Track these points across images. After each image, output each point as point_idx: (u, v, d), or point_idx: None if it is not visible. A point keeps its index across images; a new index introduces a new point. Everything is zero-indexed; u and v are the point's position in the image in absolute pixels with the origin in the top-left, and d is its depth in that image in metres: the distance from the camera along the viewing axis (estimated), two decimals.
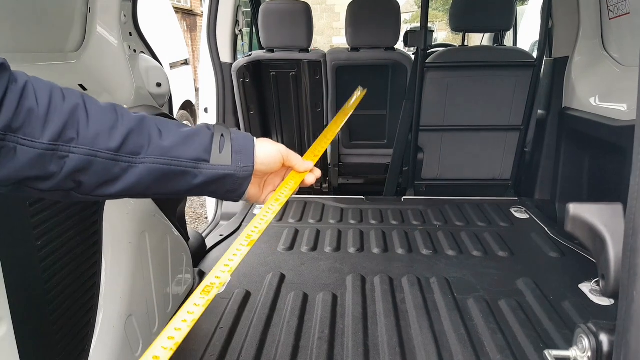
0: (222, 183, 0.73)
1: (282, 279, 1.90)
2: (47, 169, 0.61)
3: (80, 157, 0.63)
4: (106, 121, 0.65)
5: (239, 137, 0.75)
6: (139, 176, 0.67)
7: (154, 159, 0.67)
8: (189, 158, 0.70)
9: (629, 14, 2.07)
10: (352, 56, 2.57)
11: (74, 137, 0.62)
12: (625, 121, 1.91)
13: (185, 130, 0.71)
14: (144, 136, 0.67)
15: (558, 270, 1.95)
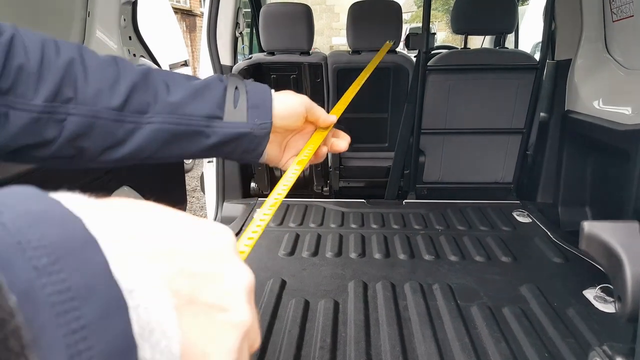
0: (238, 142, 0.64)
1: (283, 285, 1.88)
2: (45, 134, 0.54)
3: (81, 120, 0.56)
4: (107, 76, 0.57)
5: (255, 89, 0.66)
6: (146, 138, 0.60)
7: (162, 118, 0.60)
8: (201, 115, 0.62)
9: (633, 16, 2.05)
10: (353, 59, 2.55)
11: (71, 96, 0.55)
12: (630, 125, 1.90)
13: (195, 83, 0.63)
14: (150, 92, 0.60)
15: (562, 276, 1.93)
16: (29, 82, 0.52)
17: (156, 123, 0.59)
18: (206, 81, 0.64)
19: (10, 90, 0.51)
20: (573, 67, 2.42)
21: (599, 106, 2.19)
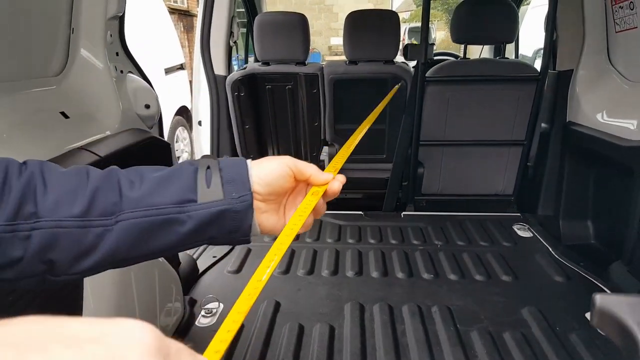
0: (220, 223, 0.59)
1: (277, 307, 1.82)
2: (11, 254, 0.52)
3: (44, 232, 0.53)
4: (66, 185, 0.55)
5: (229, 164, 0.62)
6: (117, 239, 0.56)
7: (130, 215, 0.56)
8: (171, 202, 0.57)
9: (637, 27, 1.99)
10: (350, 69, 2.49)
11: (33, 211, 0.53)
12: (634, 141, 1.84)
13: (162, 172, 0.59)
14: (114, 192, 0.56)
15: (563, 297, 1.88)
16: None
17: (124, 220, 0.56)
18: (174, 168, 0.61)
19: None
20: (575, 78, 2.36)
21: (602, 119, 2.13)
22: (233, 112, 2.60)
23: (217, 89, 2.57)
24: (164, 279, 1.61)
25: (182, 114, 5.83)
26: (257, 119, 2.68)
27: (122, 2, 1.48)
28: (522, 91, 2.43)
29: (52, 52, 1.37)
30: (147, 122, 1.67)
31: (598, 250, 2.29)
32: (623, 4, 2.05)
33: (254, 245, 2.35)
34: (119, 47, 1.57)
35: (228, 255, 2.25)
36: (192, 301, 1.84)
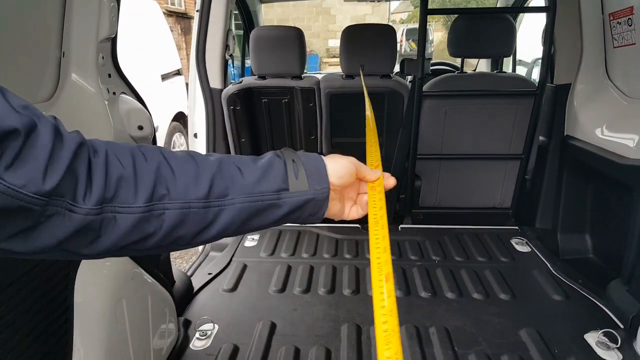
0: (304, 208, 0.73)
1: (272, 329, 1.79)
2: (148, 229, 0.62)
3: (176, 212, 0.64)
4: (189, 171, 0.66)
5: (309, 159, 0.75)
6: (230, 217, 0.68)
7: (242, 199, 0.68)
8: (272, 190, 0.70)
9: (635, 44, 1.98)
10: (347, 83, 2.46)
11: (165, 193, 0.63)
12: (634, 159, 1.82)
13: (261, 164, 0.72)
14: (227, 178, 0.68)
15: (562, 317, 1.86)
16: (128, 188, 0.60)
17: (237, 203, 0.68)
18: (269, 160, 0.73)
19: (114, 197, 0.59)
20: (573, 92, 2.34)
21: (601, 135, 2.11)
22: (229, 125, 2.57)
23: (212, 102, 2.55)
24: (157, 302, 1.59)
25: (179, 119, 5.81)
26: (253, 132, 2.66)
27: (114, 24, 1.45)
28: (520, 105, 2.41)
29: (42, 77, 1.34)
30: (141, 143, 1.64)
31: (596, 265, 2.28)
32: (621, 20, 2.03)
33: (249, 262, 2.33)
34: (111, 69, 1.54)
35: (223, 272, 2.22)
36: (187, 322, 1.82)
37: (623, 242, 1.90)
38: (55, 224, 0.55)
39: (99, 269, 1.29)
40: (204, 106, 2.55)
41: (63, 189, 0.54)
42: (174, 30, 12.26)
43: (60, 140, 0.55)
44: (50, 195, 0.52)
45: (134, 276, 1.42)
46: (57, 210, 0.54)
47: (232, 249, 2.45)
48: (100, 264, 1.30)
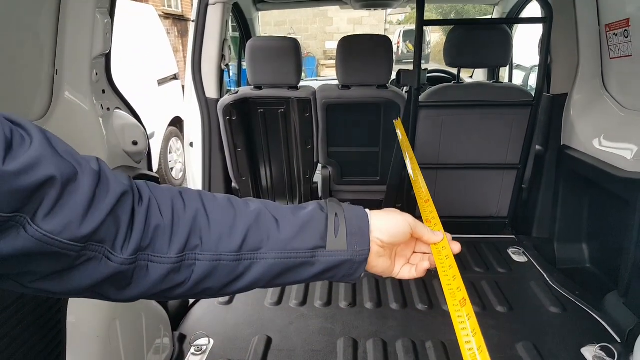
0: (339, 269, 0.69)
1: (268, 343, 1.79)
2: (177, 279, 0.63)
3: (206, 264, 0.64)
4: (226, 221, 0.66)
5: (353, 216, 0.71)
6: (261, 272, 0.67)
7: (274, 254, 0.67)
8: (307, 248, 0.68)
9: (631, 56, 1.98)
10: (343, 94, 2.46)
11: (198, 244, 0.63)
12: (630, 172, 1.82)
13: (300, 217, 0.69)
14: (263, 231, 0.67)
15: (559, 330, 1.86)
16: (164, 238, 0.61)
17: (269, 259, 0.66)
18: (310, 214, 0.70)
19: (149, 246, 0.60)
20: (569, 102, 2.34)
21: (598, 146, 2.11)
22: (225, 135, 2.57)
23: (208, 111, 2.54)
24: (151, 318, 1.58)
25: (176, 124, 5.79)
26: (250, 142, 2.65)
27: (108, 40, 1.44)
28: (517, 115, 2.41)
29: (35, 94, 1.33)
30: (135, 157, 1.64)
31: (593, 275, 2.28)
32: (617, 31, 2.03)
33: None
34: (105, 85, 1.53)
35: None
36: (182, 337, 1.81)
37: (619, 253, 1.90)
38: (91, 268, 0.56)
39: None
40: (200, 116, 2.54)
41: (102, 235, 0.55)
42: (171, 33, 12.24)
43: (104, 187, 0.56)
44: (87, 241, 0.54)
45: None
46: (95, 255, 0.55)
47: None
48: None
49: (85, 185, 0.53)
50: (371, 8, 3.29)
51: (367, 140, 2.60)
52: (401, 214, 0.74)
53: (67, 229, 0.52)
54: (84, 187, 0.53)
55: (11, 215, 0.48)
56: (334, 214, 0.70)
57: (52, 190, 0.50)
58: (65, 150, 0.53)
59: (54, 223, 0.51)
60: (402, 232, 0.73)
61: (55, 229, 0.51)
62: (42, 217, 0.50)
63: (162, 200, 0.63)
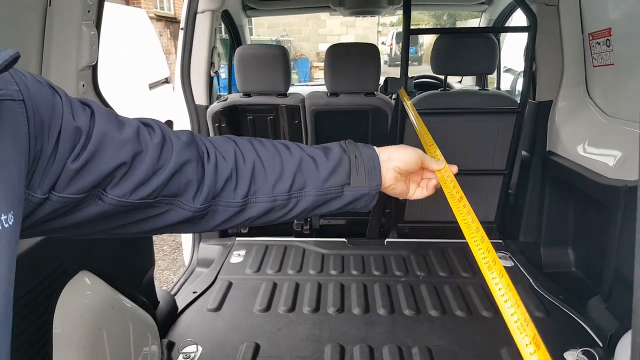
0: (359, 201, 0.86)
1: (256, 350, 1.80)
2: (240, 218, 0.80)
3: (265, 205, 0.80)
4: (276, 168, 0.81)
5: (367, 157, 0.86)
6: (305, 206, 0.83)
7: (315, 192, 0.82)
8: (338, 185, 0.84)
9: (614, 65, 2.01)
10: (331, 101, 2.48)
11: (257, 189, 0.79)
12: (612, 179, 1.85)
13: (331, 158, 0.84)
14: (305, 172, 0.82)
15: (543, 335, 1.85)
16: (230, 187, 0.77)
17: (311, 196, 0.83)
18: (339, 157, 0.85)
19: (218, 195, 0.76)
20: (554, 109, 2.38)
21: (582, 152, 2.14)
22: None
23: (198, 118, 2.55)
24: (138, 327, 1.59)
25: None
26: None
27: (94, 52, 1.46)
28: (502, 122, 2.44)
29: None
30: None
31: (578, 279, 2.31)
32: (600, 40, 2.07)
33: (235, 279, 2.33)
34: (92, 96, 1.54)
35: (208, 291, 2.23)
36: (170, 344, 1.82)
37: (602, 258, 1.93)
38: (166, 216, 0.73)
39: (79, 299, 1.29)
40: (190, 123, 2.56)
41: (170, 191, 0.70)
42: (163, 35, 12.22)
43: (166, 156, 0.69)
44: (156, 197, 0.69)
45: (114, 304, 1.42)
46: (168, 207, 0.72)
47: (218, 266, 2.45)
48: (80, 293, 1.31)
49: (148, 158, 0.67)
50: (359, 15, 3.32)
51: None
52: (412, 148, 0.91)
53: (135, 192, 0.66)
54: (147, 160, 0.66)
55: (90, 191, 0.63)
56: (354, 155, 0.85)
57: (122, 169, 0.64)
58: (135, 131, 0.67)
59: (123, 190, 0.65)
60: (414, 161, 0.89)
61: (125, 194, 0.65)
62: (113, 187, 0.64)
63: (226, 155, 0.77)
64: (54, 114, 0.59)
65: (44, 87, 0.60)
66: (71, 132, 0.60)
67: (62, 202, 0.61)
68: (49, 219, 0.62)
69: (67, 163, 0.59)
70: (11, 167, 0.52)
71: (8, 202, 0.50)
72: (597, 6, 2.08)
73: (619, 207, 1.79)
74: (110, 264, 1.47)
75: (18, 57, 0.49)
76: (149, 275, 1.80)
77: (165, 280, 3.74)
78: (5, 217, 0.49)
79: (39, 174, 0.58)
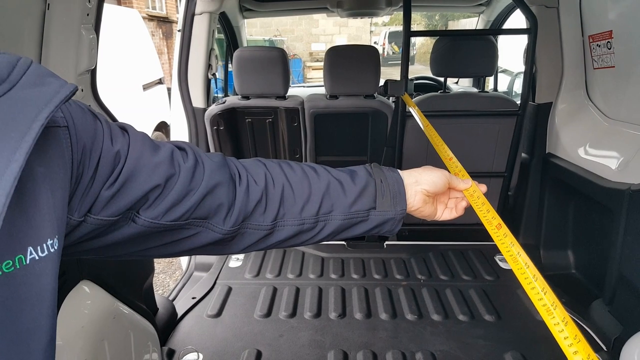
0: (384, 225, 0.86)
1: (258, 357, 1.78)
2: (269, 241, 0.81)
3: (293, 228, 0.81)
4: (304, 192, 0.81)
5: (394, 181, 0.86)
6: (331, 230, 0.83)
7: (342, 216, 0.83)
8: (364, 209, 0.84)
9: (614, 67, 2.01)
10: (331, 104, 2.46)
11: (285, 212, 0.80)
12: (614, 182, 1.85)
13: (357, 184, 0.84)
14: (333, 196, 0.83)
15: (546, 339, 1.88)
16: (260, 211, 0.77)
17: (338, 220, 0.83)
18: (365, 180, 0.85)
19: (248, 218, 0.77)
20: (554, 111, 2.38)
21: (582, 155, 2.14)
22: (212, 145, 2.55)
23: (195, 121, 2.52)
24: (139, 336, 1.56)
25: (162, 129, 5.75)
26: (237, 151, 2.64)
27: (93, 56, 1.43)
28: (502, 124, 2.44)
29: None
30: None
31: (579, 282, 2.31)
32: (600, 43, 2.06)
33: (234, 284, 2.30)
34: (90, 100, 1.51)
35: (208, 296, 2.20)
36: (171, 352, 1.79)
37: (604, 261, 1.92)
38: (197, 237, 0.73)
39: (81, 310, 1.26)
40: (187, 125, 2.53)
41: (202, 213, 0.72)
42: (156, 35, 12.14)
43: (198, 179, 0.70)
44: (187, 219, 0.70)
45: (115, 314, 1.39)
46: (199, 230, 0.73)
47: (217, 270, 2.42)
48: (81, 304, 1.28)
49: (180, 180, 0.68)
50: (357, 17, 3.30)
51: (355, 149, 2.61)
52: (438, 170, 0.91)
53: (167, 214, 0.68)
54: (180, 182, 0.68)
55: (124, 213, 0.64)
56: (380, 180, 0.85)
57: (156, 191, 0.66)
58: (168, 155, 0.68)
59: (156, 212, 0.67)
60: (442, 183, 0.90)
61: (158, 215, 0.67)
62: (146, 209, 0.66)
63: (257, 178, 0.78)
64: (95, 140, 0.61)
65: (86, 113, 0.62)
66: (110, 157, 0.62)
67: (97, 224, 0.62)
68: (82, 240, 0.63)
69: (104, 187, 0.61)
70: (58, 193, 0.54)
71: (54, 227, 0.52)
72: (598, 8, 2.07)
73: (622, 210, 1.78)
74: (110, 272, 1.44)
75: (76, 90, 0.53)
76: (149, 281, 1.77)
77: (162, 283, 3.70)
78: (51, 242, 0.51)
79: (78, 198, 0.60)
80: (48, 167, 0.53)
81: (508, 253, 0.84)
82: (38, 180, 0.51)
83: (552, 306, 0.70)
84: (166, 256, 0.77)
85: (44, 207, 0.51)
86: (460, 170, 1.07)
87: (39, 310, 0.50)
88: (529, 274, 0.77)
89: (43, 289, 0.50)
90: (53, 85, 0.52)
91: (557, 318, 0.68)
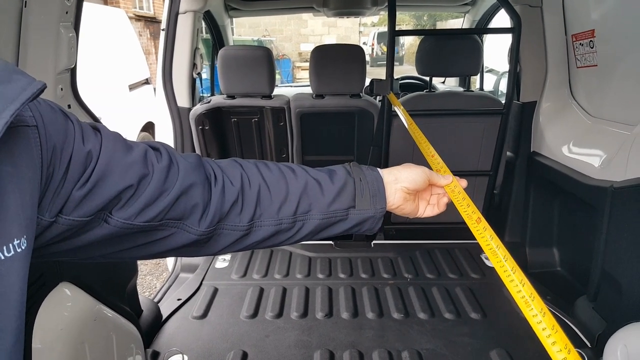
0: (364, 224, 0.86)
1: (244, 358, 1.76)
2: (246, 241, 0.80)
3: (270, 228, 0.80)
4: (281, 192, 0.81)
5: (373, 179, 0.86)
6: (310, 229, 0.83)
7: (320, 215, 0.82)
8: (343, 209, 0.83)
9: (597, 66, 2.03)
10: (317, 103, 2.45)
11: (262, 212, 0.79)
12: (597, 180, 1.86)
13: (336, 183, 0.84)
14: (310, 196, 0.82)
15: (531, 336, 1.88)
16: (236, 211, 0.77)
17: (316, 219, 0.82)
18: (343, 179, 0.84)
19: (224, 219, 0.76)
20: (538, 110, 2.39)
21: (566, 153, 2.16)
22: (198, 145, 2.53)
23: (180, 121, 2.50)
24: (122, 338, 1.54)
25: (148, 129, 5.69)
26: (223, 151, 2.62)
27: (72, 54, 1.40)
28: (487, 123, 2.45)
29: None
30: None
31: (564, 279, 2.33)
32: (583, 42, 2.08)
33: (220, 285, 2.29)
34: (71, 99, 1.49)
35: (193, 297, 2.18)
36: (155, 354, 1.77)
37: (588, 258, 1.94)
38: (172, 239, 0.73)
39: (60, 312, 1.24)
40: (172, 125, 2.50)
41: (176, 214, 0.70)
42: (143, 35, 12.04)
43: (172, 179, 0.70)
44: (161, 219, 0.69)
45: (96, 316, 1.37)
46: (174, 230, 0.72)
47: (203, 271, 2.40)
48: (60, 306, 1.25)
49: (154, 181, 0.67)
50: (343, 16, 3.30)
51: (342, 148, 2.60)
52: (418, 167, 0.91)
53: (140, 215, 0.66)
54: (153, 183, 0.67)
55: (96, 214, 0.63)
56: (359, 179, 0.85)
57: (128, 192, 0.65)
58: (142, 154, 0.67)
59: (129, 212, 0.65)
60: (422, 180, 0.89)
61: (131, 216, 0.66)
62: (119, 209, 0.65)
63: (233, 179, 0.77)
64: (66, 140, 0.60)
65: (56, 113, 0.61)
66: (82, 157, 0.61)
67: (69, 224, 0.61)
68: (55, 241, 0.62)
69: (75, 187, 0.60)
70: (26, 193, 0.53)
71: (22, 227, 0.51)
72: (581, 7, 2.09)
73: (605, 207, 1.80)
74: (91, 273, 1.42)
75: (45, 88, 0.53)
76: (132, 283, 1.75)
77: (148, 285, 3.67)
78: (18, 242, 0.50)
79: (49, 198, 0.59)
80: (15, 167, 0.52)
81: (488, 247, 0.84)
82: (4, 179, 0.50)
83: (530, 297, 0.70)
84: (141, 258, 0.77)
85: (10, 207, 0.50)
86: (442, 166, 1.07)
87: (5, 311, 0.49)
88: (507, 266, 0.77)
89: (9, 289, 0.50)
90: (20, 82, 0.51)
91: (534, 310, 0.68)
